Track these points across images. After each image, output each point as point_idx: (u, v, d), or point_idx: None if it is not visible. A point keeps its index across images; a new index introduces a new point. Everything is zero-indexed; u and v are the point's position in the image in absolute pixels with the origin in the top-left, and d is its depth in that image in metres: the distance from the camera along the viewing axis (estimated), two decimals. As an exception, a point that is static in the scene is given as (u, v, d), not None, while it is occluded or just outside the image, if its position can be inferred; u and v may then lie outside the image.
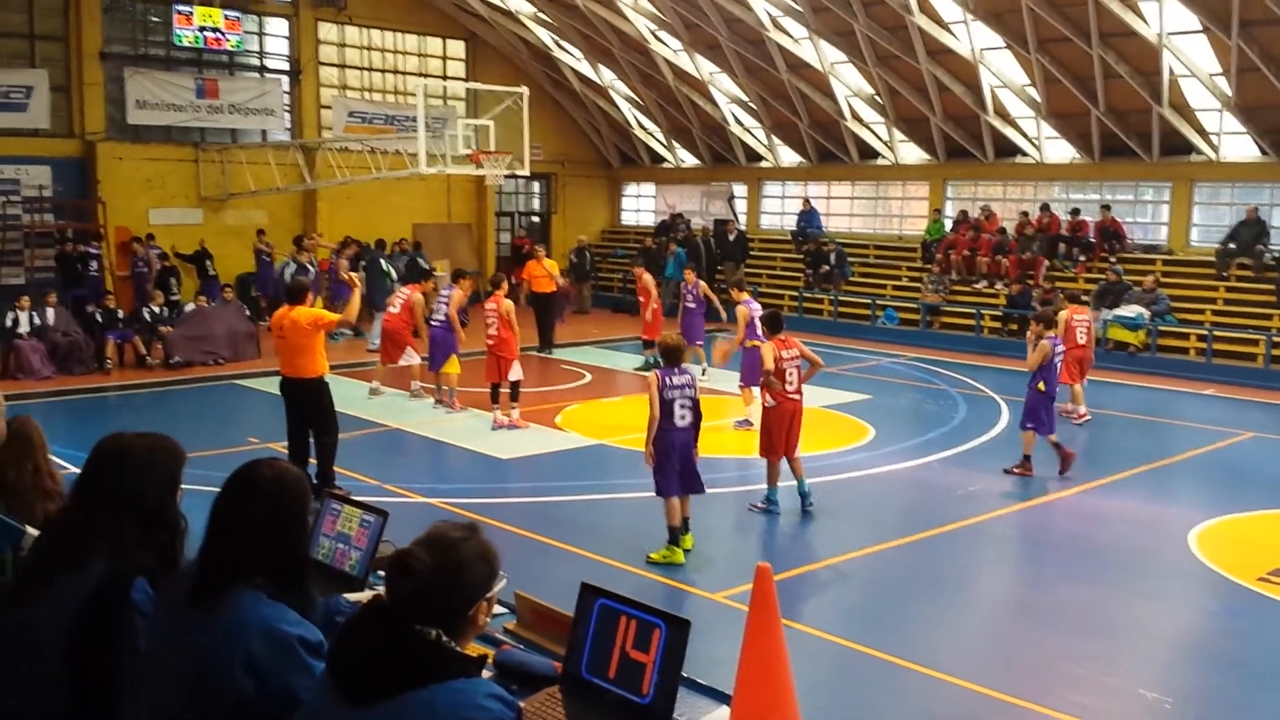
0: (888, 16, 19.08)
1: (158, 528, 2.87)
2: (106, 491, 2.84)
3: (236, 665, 2.51)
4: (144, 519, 2.84)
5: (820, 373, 9.86)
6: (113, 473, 2.88)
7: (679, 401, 7.97)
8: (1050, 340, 10.63)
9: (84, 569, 2.76)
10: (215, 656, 2.53)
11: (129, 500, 2.83)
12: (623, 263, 26.28)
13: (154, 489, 2.88)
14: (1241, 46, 15.98)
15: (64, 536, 2.87)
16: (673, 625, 2.76)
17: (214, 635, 2.54)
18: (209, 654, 2.53)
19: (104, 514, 2.81)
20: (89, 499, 2.87)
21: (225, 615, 2.55)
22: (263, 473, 2.71)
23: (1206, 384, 16.17)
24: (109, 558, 2.78)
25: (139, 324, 16.59)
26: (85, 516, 2.84)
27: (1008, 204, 22.10)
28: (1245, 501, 10.03)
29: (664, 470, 8.00)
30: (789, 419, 9.23)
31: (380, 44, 24.61)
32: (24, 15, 19.89)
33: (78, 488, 2.95)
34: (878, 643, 6.69)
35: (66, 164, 20.13)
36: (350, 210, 22.82)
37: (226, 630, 2.54)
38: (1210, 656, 6.92)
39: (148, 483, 2.87)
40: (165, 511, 2.90)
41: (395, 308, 14.01)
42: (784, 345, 9.31)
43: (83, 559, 2.78)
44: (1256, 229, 18.05)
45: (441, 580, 2.32)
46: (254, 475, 2.71)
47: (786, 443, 9.24)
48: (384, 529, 3.80)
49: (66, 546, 2.83)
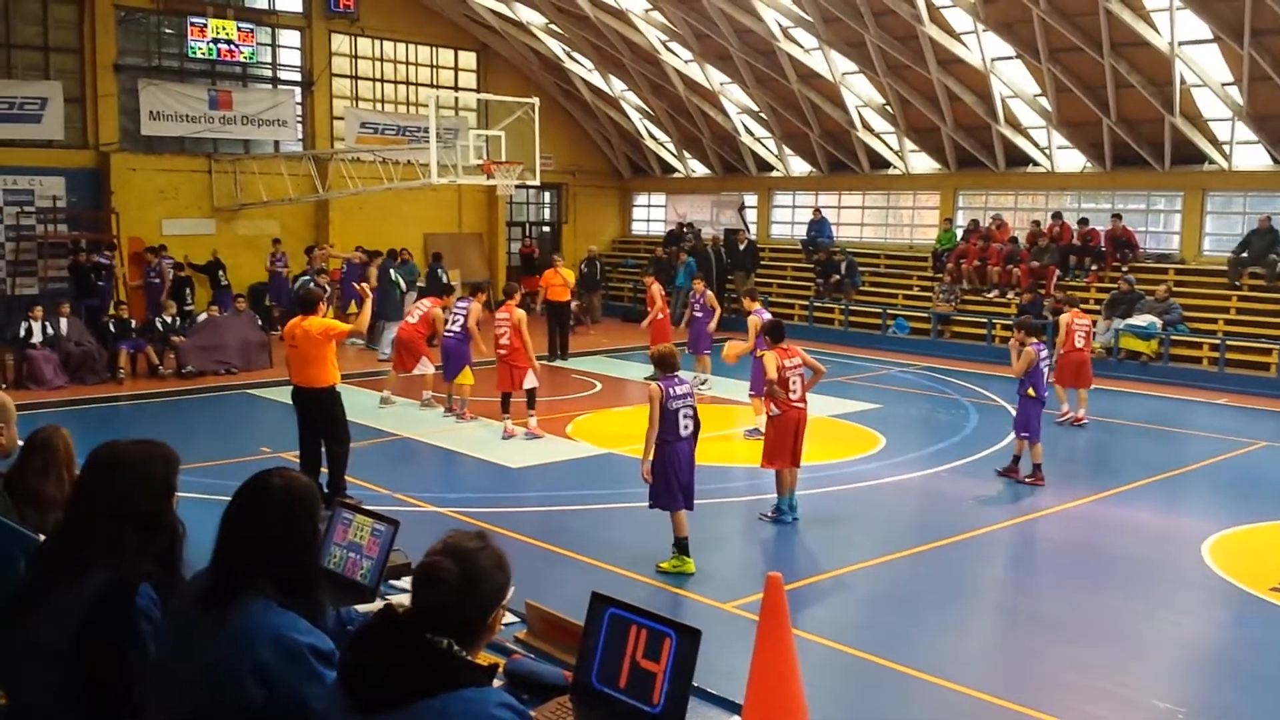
0: (898, 27, 19.10)
1: (156, 533, 2.89)
2: (103, 499, 2.86)
3: (246, 674, 2.52)
4: (141, 525, 2.86)
5: (832, 382, 9.89)
6: (108, 480, 2.90)
7: (682, 412, 7.94)
8: (1034, 347, 10.69)
9: (85, 577, 2.78)
10: (225, 665, 2.54)
11: (125, 507, 2.85)
12: (633, 272, 26.32)
13: (148, 494, 2.90)
14: (1254, 56, 15.95)
15: (64, 545, 2.89)
16: (683, 634, 2.76)
17: (223, 644, 2.55)
18: (218, 662, 2.54)
19: (102, 521, 2.83)
20: (87, 507, 2.89)
21: (235, 624, 2.56)
22: (273, 482, 2.73)
23: (1219, 393, 16.10)
24: (110, 565, 2.80)
25: (151, 334, 16.68)
26: (84, 525, 2.86)
27: (1019, 213, 22.08)
28: (1258, 512, 9.97)
29: (668, 484, 7.92)
30: (794, 428, 9.25)
31: (392, 55, 24.74)
32: (39, 28, 20.08)
33: (74, 496, 2.98)
34: (888, 652, 6.67)
35: (80, 175, 20.28)
36: (362, 220, 22.92)
37: (235, 638, 2.55)
38: (1223, 667, 6.88)
39: (142, 489, 2.90)
40: (161, 517, 2.92)
41: (414, 318, 14.02)
42: (786, 354, 9.34)
43: (84, 567, 2.80)
44: (1269, 238, 17.99)
45: (464, 590, 2.35)
46: (265, 485, 2.73)
47: (793, 452, 9.26)
48: (395, 538, 3.82)
49: (67, 555, 2.85)
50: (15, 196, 19.45)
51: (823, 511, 9.89)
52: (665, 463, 7.88)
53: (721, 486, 10.39)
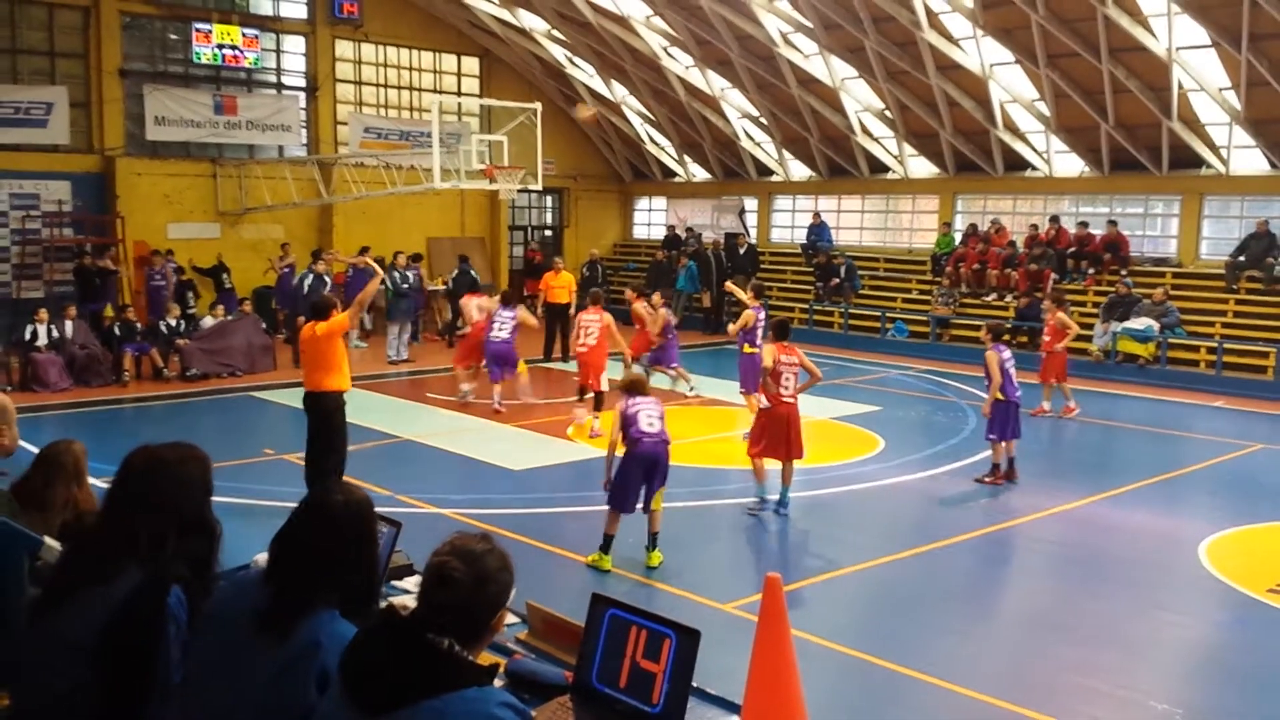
0: (898, 33, 19.16)
1: (197, 535, 2.95)
2: (143, 501, 2.91)
3: (311, 680, 2.55)
4: (184, 528, 2.92)
5: (831, 384, 10.01)
6: (147, 483, 2.95)
7: (644, 412, 8.00)
8: (996, 349, 10.85)
9: (117, 577, 2.83)
10: (290, 674, 2.57)
11: (170, 510, 2.91)
12: (634, 276, 26.35)
13: (191, 497, 2.97)
14: (1251, 61, 16.00)
15: (99, 546, 2.93)
16: (683, 635, 2.80)
17: (290, 653, 2.58)
18: (283, 672, 2.57)
19: (145, 525, 2.87)
20: (128, 511, 2.92)
21: (301, 636, 2.59)
22: (334, 500, 2.76)
23: (1216, 396, 16.15)
24: (145, 566, 2.84)
25: (156, 337, 16.75)
26: (124, 528, 2.89)
27: (1017, 217, 22.13)
28: (1255, 513, 10.03)
29: (625, 484, 7.95)
30: (784, 423, 9.42)
31: (396, 61, 24.80)
32: (44, 33, 20.15)
33: (111, 499, 3.00)
34: (887, 653, 6.73)
35: (86, 179, 20.34)
36: (365, 224, 22.98)
37: (304, 649, 2.57)
38: (1220, 668, 6.94)
39: (185, 492, 2.96)
40: (203, 519, 2.99)
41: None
42: (786, 351, 9.56)
43: (116, 568, 2.84)
44: (1266, 242, 18.04)
45: (473, 591, 2.39)
46: (326, 504, 2.76)
47: (787, 449, 9.46)
48: (397, 539, 3.87)
49: (100, 556, 2.89)
50: (21, 200, 19.54)
51: (822, 513, 9.97)
52: (629, 463, 7.94)
53: (719, 488, 10.47)
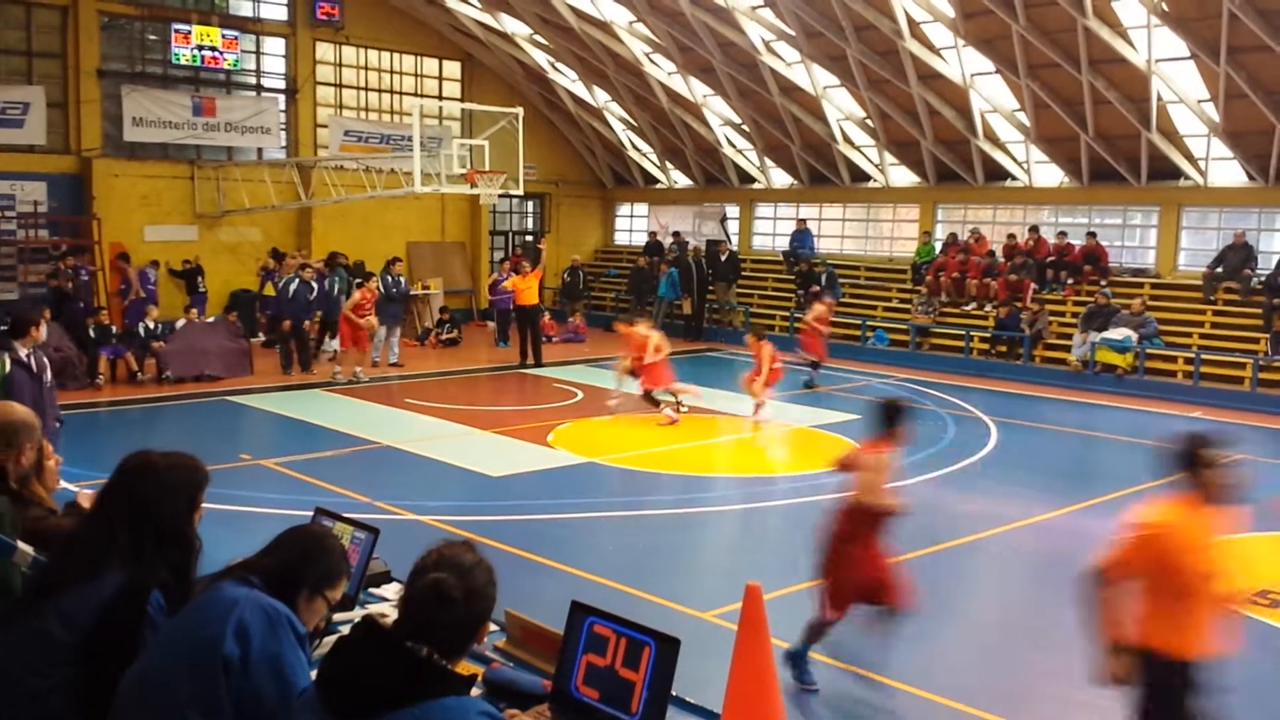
0: (879, 41, 19.26)
1: (172, 544, 2.92)
2: (125, 503, 2.91)
3: (228, 631, 2.56)
4: (159, 534, 2.89)
5: (811, 393, 10.02)
6: (131, 486, 2.94)
7: None
8: None
9: (100, 580, 2.82)
10: (208, 626, 2.59)
11: (146, 515, 2.89)
12: (615, 282, 26.35)
13: (171, 504, 2.94)
14: (1229, 73, 16.16)
15: (83, 548, 2.92)
16: (662, 643, 2.79)
17: (207, 609, 2.64)
18: (202, 624, 2.61)
19: (122, 525, 2.87)
20: (110, 510, 2.94)
21: (218, 593, 2.66)
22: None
23: (1194, 406, 16.25)
24: (126, 570, 2.83)
25: (132, 340, 16.57)
26: (106, 526, 2.90)
27: (997, 227, 22.25)
28: (1235, 523, 10.06)
29: None
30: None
31: (377, 64, 24.73)
32: (22, 32, 19.97)
33: (100, 501, 3.02)
34: (866, 662, 6.71)
35: (62, 180, 20.17)
36: (345, 228, 22.88)
37: (219, 602, 2.63)
38: (1196, 678, 6.94)
39: (166, 500, 2.93)
40: (181, 530, 2.95)
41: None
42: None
43: (100, 570, 2.83)
44: (1243, 253, 18.20)
45: (467, 607, 2.40)
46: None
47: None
48: (375, 546, 3.83)
49: (85, 557, 2.88)
50: (-4, 201, 19.36)
51: (802, 521, 9.94)
52: None
53: (702, 496, 10.44)
